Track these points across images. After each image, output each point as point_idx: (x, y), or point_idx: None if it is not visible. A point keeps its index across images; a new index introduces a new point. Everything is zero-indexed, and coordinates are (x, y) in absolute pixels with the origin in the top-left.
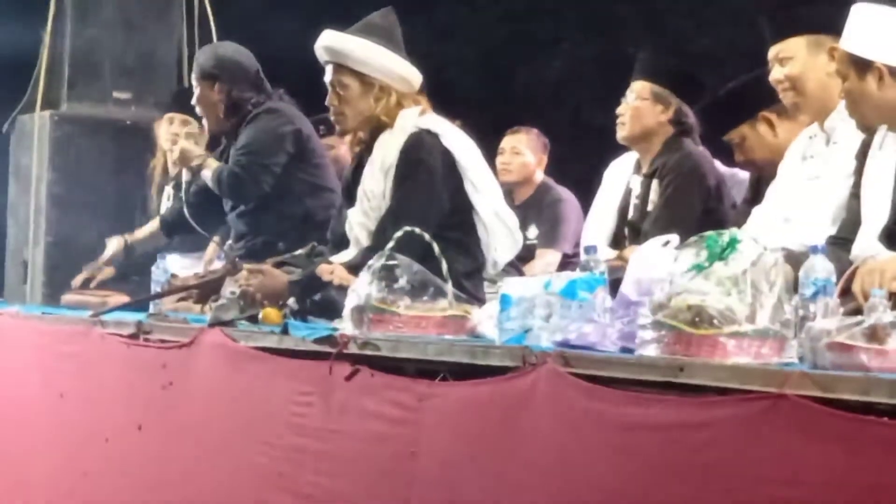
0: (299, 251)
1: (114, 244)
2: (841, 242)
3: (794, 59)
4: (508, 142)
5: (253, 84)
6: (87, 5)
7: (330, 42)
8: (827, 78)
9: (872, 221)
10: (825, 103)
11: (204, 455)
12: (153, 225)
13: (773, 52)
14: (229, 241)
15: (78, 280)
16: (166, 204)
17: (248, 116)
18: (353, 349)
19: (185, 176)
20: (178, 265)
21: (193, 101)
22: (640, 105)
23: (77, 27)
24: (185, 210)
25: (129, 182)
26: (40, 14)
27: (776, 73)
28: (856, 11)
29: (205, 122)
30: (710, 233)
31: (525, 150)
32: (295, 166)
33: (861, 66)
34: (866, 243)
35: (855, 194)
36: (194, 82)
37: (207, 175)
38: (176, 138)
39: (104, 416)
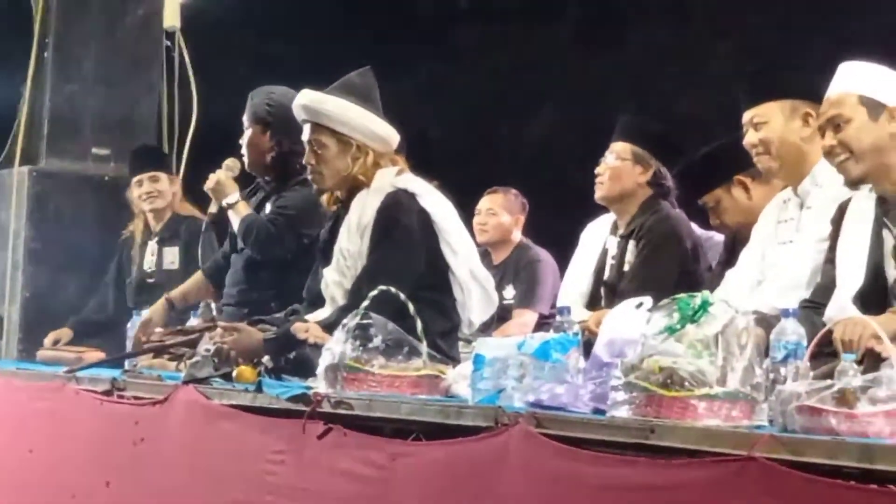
0: (278, 314)
1: (157, 307)
2: (814, 306)
3: (768, 123)
4: (485, 202)
5: None
6: (67, 61)
7: (307, 101)
8: (801, 143)
9: (847, 284)
10: (799, 168)
11: None
12: (196, 278)
13: (747, 116)
14: (214, 304)
15: (48, 340)
16: (150, 260)
17: (296, 176)
18: (326, 408)
19: (212, 208)
20: None
21: (242, 141)
22: (619, 165)
23: (57, 83)
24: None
25: (107, 239)
26: (20, 69)
27: (750, 137)
28: (846, 68)
29: (245, 159)
30: (682, 295)
31: (501, 210)
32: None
33: (874, 107)
34: (840, 306)
35: (829, 259)
36: (245, 122)
37: (235, 220)
38: (150, 196)
39: (73, 473)
